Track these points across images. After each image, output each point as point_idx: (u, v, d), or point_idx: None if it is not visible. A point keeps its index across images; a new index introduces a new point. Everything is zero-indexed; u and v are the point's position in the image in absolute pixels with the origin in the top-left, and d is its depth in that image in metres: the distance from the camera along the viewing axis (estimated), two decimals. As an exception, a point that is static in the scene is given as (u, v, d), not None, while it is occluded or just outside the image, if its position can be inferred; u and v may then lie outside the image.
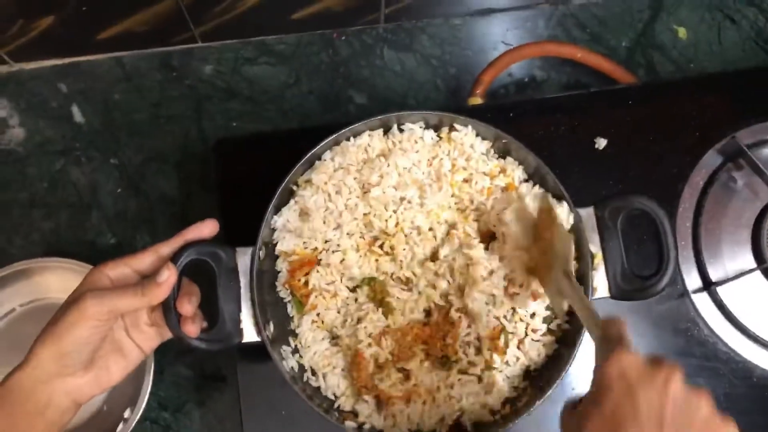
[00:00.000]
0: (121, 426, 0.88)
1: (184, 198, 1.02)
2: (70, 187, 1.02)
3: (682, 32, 1.11)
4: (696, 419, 0.53)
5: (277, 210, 0.76)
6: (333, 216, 0.75)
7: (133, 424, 0.87)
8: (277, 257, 0.77)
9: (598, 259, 0.73)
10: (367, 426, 0.73)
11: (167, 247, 0.69)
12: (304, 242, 0.75)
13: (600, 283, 0.73)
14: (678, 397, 0.53)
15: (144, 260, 0.69)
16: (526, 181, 0.79)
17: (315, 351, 0.74)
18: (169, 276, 0.66)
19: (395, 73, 1.08)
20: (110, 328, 0.67)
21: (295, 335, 0.75)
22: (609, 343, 0.58)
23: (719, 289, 0.86)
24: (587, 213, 0.74)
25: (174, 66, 1.07)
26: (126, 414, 0.89)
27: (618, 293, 0.73)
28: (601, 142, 0.91)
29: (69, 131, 1.04)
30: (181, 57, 1.07)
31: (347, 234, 0.76)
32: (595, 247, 0.74)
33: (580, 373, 0.84)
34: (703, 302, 0.87)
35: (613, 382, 0.54)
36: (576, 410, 0.58)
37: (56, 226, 1.00)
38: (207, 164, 1.03)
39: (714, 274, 0.87)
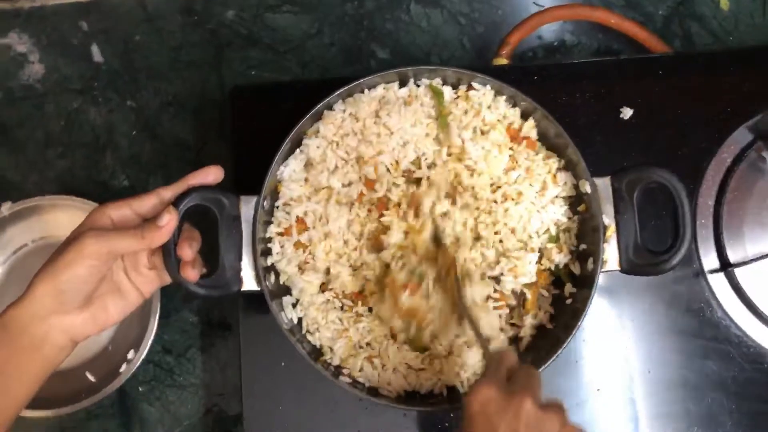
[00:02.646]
0: (124, 366, 0.89)
1: (200, 145, 1.01)
2: (86, 127, 1.01)
3: (723, 2, 1.06)
4: None
5: (285, 160, 0.75)
6: (334, 165, 0.74)
7: (137, 365, 0.88)
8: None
9: (611, 232, 0.71)
10: (361, 380, 0.73)
11: (170, 191, 0.69)
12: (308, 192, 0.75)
13: (611, 256, 0.71)
14: (531, 418, 0.57)
15: (146, 203, 0.68)
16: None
17: (309, 302, 0.74)
18: (169, 220, 0.66)
19: (421, 29, 1.05)
20: (109, 268, 0.67)
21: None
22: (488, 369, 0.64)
23: (737, 271, 0.83)
24: (603, 183, 0.72)
25: (196, 10, 1.05)
26: (130, 355, 0.90)
27: (629, 267, 0.71)
28: (627, 112, 0.88)
29: (88, 71, 1.03)
30: (203, 0, 1.05)
31: (342, 184, 0.75)
32: (608, 218, 0.72)
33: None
34: (719, 283, 0.85)
35: (475, 415, 0.58)
36: None
37: (71, 165, 1.00)
38: (224, 112, 1.01)
39: (733, 256, 0.84)
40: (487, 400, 0.58)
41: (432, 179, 0.74)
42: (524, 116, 0.77)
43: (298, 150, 0.75)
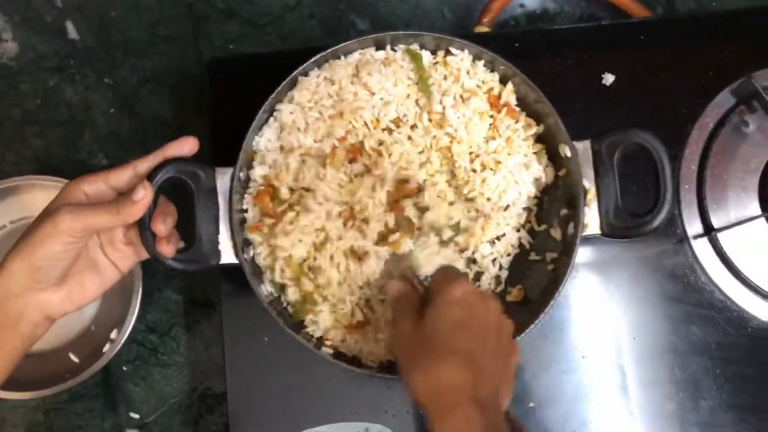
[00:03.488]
0: (107, 346, 0.88)
1: (179, 121, 1.00)
2: (63, 105, 1.00)
3: (706, -33, 1.05)
4: (504, 333, 0.64)
5: (260, 130, 0.74)
6: (305, 124, 0.74)
7: (120, 345, 0.87)
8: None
9: (591, 195, 0.71)
10: (343, 350, 0.72)
11: (145, 164, 0.68)
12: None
13: (592, 219, 0.71)
14: (498, 320, 0.64)
15: (121, 176, 0.67)
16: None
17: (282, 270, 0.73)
18: (144, 195, 0.64)
19: (400, -1, 1.04)
20: (84, 244, 0.66)
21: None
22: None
23: (720, 236, 0.83)
24: (583, 147, 0.71)
25: (172, -16, 1.03)
26: (113, 335, 0.89)
27: (609, 231, 0.70)
28: (609, 78, 0.87)
29: (63, 48, 1.01)
30: (179, -26, 1.03)
31: (314, 140, 0.74)
32: (588, 182, 0.71)
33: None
34: (702, 248, 0.84)
35: (456, 300, 0.63)
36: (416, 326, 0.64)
37: (48, 144, 0.99)
38: (203, 87, 1.00)
39: (716, 221, 0.84)
40: (469, 291, 0.63)
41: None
42: (503, 81, 0.76)
43: (272, 119, 0.74)
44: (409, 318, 0.64)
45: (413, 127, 0.74)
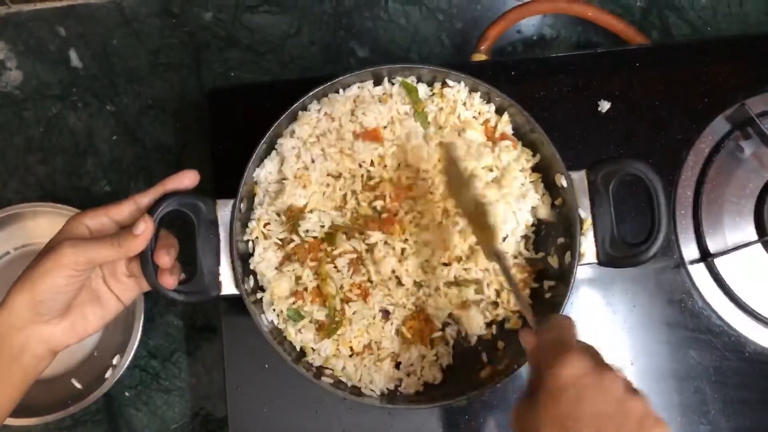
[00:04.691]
0: (110, 372, 0.89)
1: (180, 147, 1.01)
2: (66, 133, 1.01)
3: (701, -8, 1.06)
4: (631, 417, 0.54)
5: (261, 162, 0.75)
6: (311, 160, 0.75)
7: (122, 371, 0.88)
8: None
9: (588, 225, 0.71)
10: (343, 378, 0.73)
11: (146, 198, 0.69)
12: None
13: (588, 248, 0.71)
14: (620, 400, 0.55)
15: (123, 210, 0.68)
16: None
17: (285, 302, 0.74)
18: (145, 229, 0.65)
19: (399, 27, 1.05)
20: (87, 277, 0.67)
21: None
22: (554, 343, 0.59)
23: (717, 261, 0.83)
24: (579, 177, 0.72)
25: (174, 12, 1.04)
26: (115, 361, 0.90)
27: (606, 260, 0.71)
28: (605, 105, 0.88)
29: (66, 76, 1.03)
30: (181, 3, 1.05)
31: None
32: (584, 212, 0.72)
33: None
34: (699, 274, 0.85)
35: (563, 387, 0.55)
36: (529, 407, 0.57)
37: (52, 171, 1.00)
38: (204, 114, 1.00)
39: (713, 246, 0.85)
40: (581, 374, 0.55)
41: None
42: (499, 112, 0.77)
43: (273, 152, 0.75)
44: (527, 393, 0.59)
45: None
